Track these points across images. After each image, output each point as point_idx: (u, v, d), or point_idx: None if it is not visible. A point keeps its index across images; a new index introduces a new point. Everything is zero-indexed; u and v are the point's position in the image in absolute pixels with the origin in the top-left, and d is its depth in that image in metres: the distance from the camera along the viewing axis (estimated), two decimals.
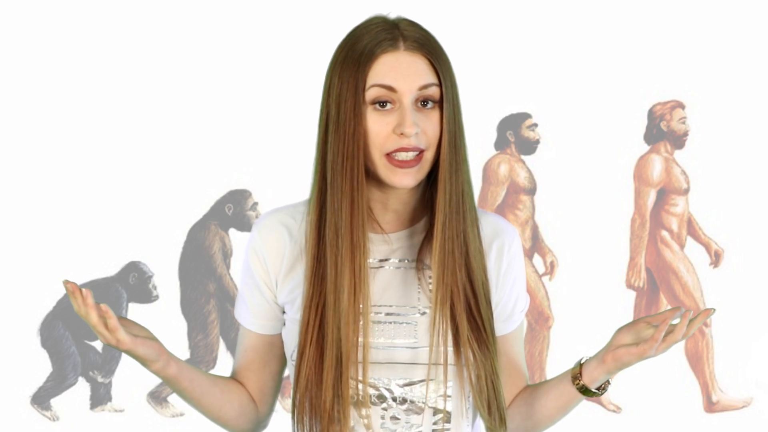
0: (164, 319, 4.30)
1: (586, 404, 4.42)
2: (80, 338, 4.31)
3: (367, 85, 1.64)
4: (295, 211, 1.77)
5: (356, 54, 1.66)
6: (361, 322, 1.68)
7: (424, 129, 1.65)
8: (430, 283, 1.72)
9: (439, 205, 1.67)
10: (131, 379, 4.29)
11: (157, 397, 4.34)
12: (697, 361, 4.48)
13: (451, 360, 1.70)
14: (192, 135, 4.36)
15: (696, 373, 4.48)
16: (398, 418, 1.72)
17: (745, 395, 4.49)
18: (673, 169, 4.51)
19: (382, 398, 1.72)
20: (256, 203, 4.39)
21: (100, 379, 4.32)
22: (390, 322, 1.72)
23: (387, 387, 1.71)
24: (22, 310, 4.28)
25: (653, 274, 4.51)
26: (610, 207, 4.48)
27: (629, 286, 4.50)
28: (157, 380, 4.32)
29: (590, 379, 1.76)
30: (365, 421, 1.71)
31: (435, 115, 1.66)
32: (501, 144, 4.50)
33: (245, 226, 4.34)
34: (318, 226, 1.69)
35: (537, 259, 4.49)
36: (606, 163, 4.49)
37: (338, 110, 1.66)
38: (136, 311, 4.34)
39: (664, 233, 4.51)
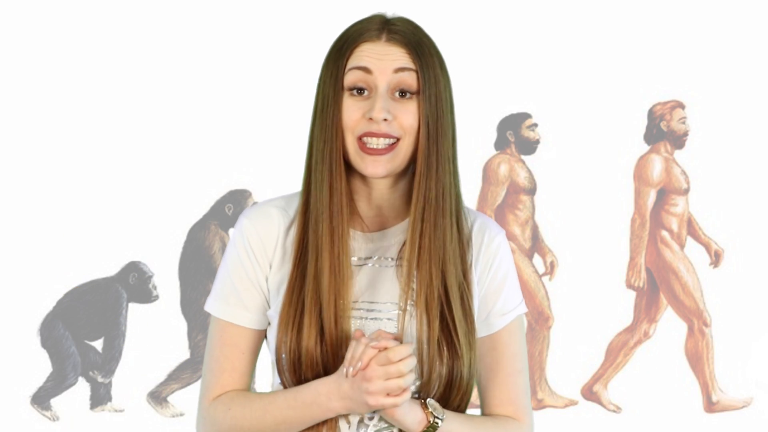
0: (164, 319, 4.31)
1: (586, 404, 4.42)
2: (80, 338, 4.31)
3: (346, 69, 1.66)
4: (287, 203, 1.75)
5: (341, 42, 1.68)
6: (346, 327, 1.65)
7: (398, 117, 1.64)
8: (413, 281, 1.68)
9: (414, 198, 1.66)
10: (131, 379, 4.29)
11: (157, 397, 4.34)
12: (697, 361, 4.48)
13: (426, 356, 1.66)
14: (192, 135, 4.36)
15: (696, 373, 4.48)
16: (376, 414, 1.67)
17: (745, 395, 4.49)
18: (673, 169, 4.51)
19: None
20: (256, 203, 4.38)
21: (100, 379, 4.32)
22: (372, 319, 1.69)
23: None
24: (22, 310, 4.28)
25: (653, 274, 4.51)
26: (610, 207, 4.48)
27: (629, 286, 4.50)
28: (157, 380, 4.32)
29: None
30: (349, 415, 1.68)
31: (412, 105, 1.65)
32: (501, 144, 4.50)
33: None
34: (304, 211, 1.69)
35: (537, 259, 4.49)
36: (606, 163, 4.49)
37: (322, 96, 1.67)
38: (136, 311, 4.34)
39: (664, 233, 4.51)
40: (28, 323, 4.29)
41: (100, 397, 4.33)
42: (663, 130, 4.51)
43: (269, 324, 1.75)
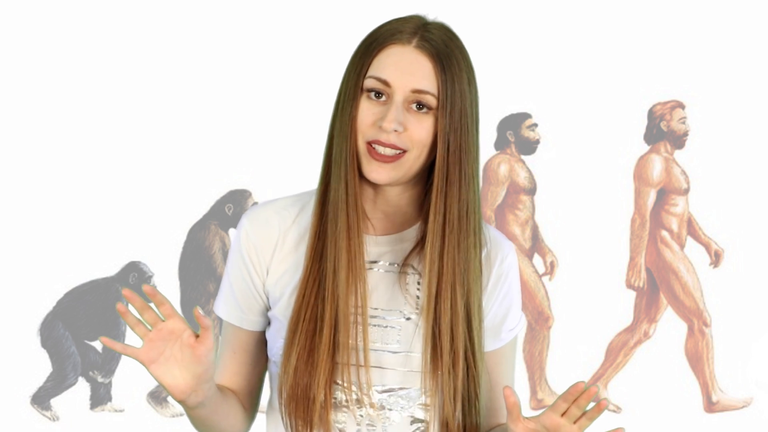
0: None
1: None
2: (80, 338, 4.31)
3: (367, 74, 1.63)
4: (290, 203, 1.74)
5: (371, 39, 1.65)
6: (359, 325, 1.65)
7: (409, 129, 1.62)
8: (418, 289, 1.69)
9: (432, 215, 1.64)
10: (131, 379, 4.29)
11: (157, 397, 4.34)
12: (697, 361, 4.48)
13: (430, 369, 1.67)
14: (192, 135, 4.36)
15: (696, 373, 4.48)
16: (374, 426, 1.68)
17: (745, 395, 4.49)
18: (673, 169, 4.51)
19: (359, 402, 1.68)
20: (256, 203, 4.39)
21: (100, 379, 4.32)
22: (375, 325, 1.68)
23: (366, 392, 1.67)
24: (22, 310, 4.28)
25: (653, 274, 4.51)
26: (610, 207, 4.48)
27: (629, 286, 4.50)
28: None
29: None
30: (341, 425, 1.68)
31: (427, 120, 1.63)
32: (501, 144, 4.50)
33: None
34: (322, 202, 1.67)
35: (537, 259, 4.49)
36: (606, 163, 4.49)
37: (344, 91, 1.65)
38: (135, 312, 4.33)
39: (664, 233, 4.51)
40: (28, 323, 4.29)
41: (100, 397, 4.33)
42: (663, 130, 4.51)
43: (269, 324, 1.75)
